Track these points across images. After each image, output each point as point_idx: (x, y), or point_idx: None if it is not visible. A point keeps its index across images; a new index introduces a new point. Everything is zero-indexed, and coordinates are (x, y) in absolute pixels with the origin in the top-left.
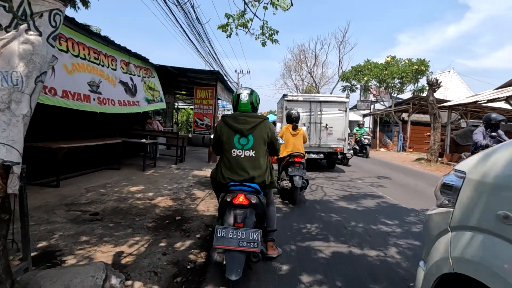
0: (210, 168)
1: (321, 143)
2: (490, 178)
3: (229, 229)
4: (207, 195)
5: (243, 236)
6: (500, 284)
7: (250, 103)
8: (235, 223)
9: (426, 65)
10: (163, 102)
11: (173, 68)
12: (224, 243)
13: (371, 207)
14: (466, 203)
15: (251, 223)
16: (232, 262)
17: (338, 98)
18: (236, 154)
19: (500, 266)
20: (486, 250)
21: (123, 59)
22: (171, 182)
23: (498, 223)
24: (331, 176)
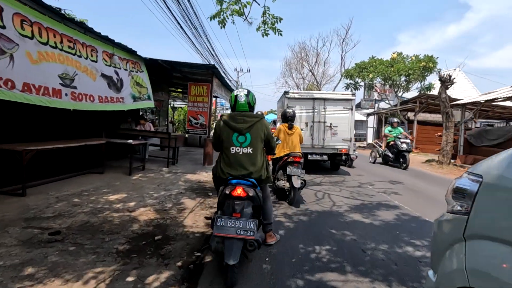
0: (204, 172)
1: (325, 144)
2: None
3: (227, 219)
4: (198, 205)
5: (241, 225)
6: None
7: (247, 103)
8: (233, 213)
9: (434, 62)
10: (151, 101)
11: (164, 62)
12: (223, 231)
13: (389, 221)
14: (484, 210)
15: (248, 214)
16: (231, 248)
17: (344, 95)
18: (234, 151)
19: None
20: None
21: (105, 50)
22: (158, 189)
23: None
24: (337, 181)
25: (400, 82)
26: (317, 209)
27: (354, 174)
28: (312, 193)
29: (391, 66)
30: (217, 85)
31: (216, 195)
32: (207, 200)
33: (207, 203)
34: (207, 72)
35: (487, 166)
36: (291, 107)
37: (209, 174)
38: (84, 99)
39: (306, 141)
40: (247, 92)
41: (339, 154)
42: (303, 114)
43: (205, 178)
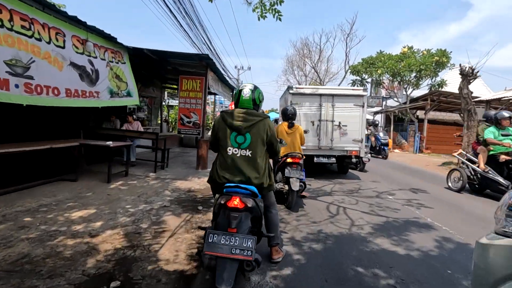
0: (197, 178)
1: (333, 145)
2: None
3: (221, 235)
4: (183, 224)
5: (236, 242)
6: None
7: (252, 99)
8: (228, 228)
9: (448, 56)
10: (133, 98)
11: (150, 52)
12: (216, 249)
13: (430, 251)
14: None
15: (246, 229)
16: (223, 270)
17: (354, 91)
18: (231, 153)
19: None
20: None
21: (76, 34)
22: (138, 201)
23: None
24: (350, 189)
25: (410, 78)
26: (332, 230)
27: (367, 179)
28: (324, 206)
29: (401, 61)
30: (212, 79)
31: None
32: (195, 217)
33: (194, 222)
34: (200, 63)
35: None
36: (295, 104)
37: (202, 180)
38: (45, 92)
39: (312, 142)
40: (253, 87)
41: (348, 157)
42: (308, 111)
43: (196, 186)
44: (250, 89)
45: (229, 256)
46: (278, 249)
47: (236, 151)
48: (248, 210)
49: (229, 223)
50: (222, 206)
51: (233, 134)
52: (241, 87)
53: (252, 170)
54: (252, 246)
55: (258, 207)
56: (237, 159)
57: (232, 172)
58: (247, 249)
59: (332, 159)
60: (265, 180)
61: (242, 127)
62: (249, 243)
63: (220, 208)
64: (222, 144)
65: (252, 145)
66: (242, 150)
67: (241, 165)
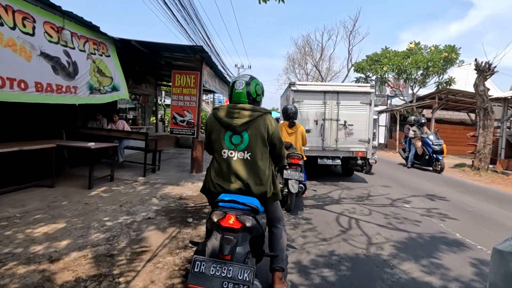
0: (190, 183)
1: (338, 146)
2: None
3: (211, 263)
4: (167, 242)
5: (230, 274)
6: None
7: (246, 92)
8: (220, 253)
9: (457, 52)
10: (121, 92)
11: (139, 44)
12: (202, 282)
13: (472, 281)
14: None
15: (243, 255)
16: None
17: (361, 87)
18: (226, 156)
19: None
20: None
21: (49, 20)
22: (119, 212)
23: None
24: (360, 196)
25: (417, 76)
26: (346, 251)
27: (376, 183)
28: (333, 217)
29: (408, 58)
30: (208, 74)
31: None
32: (182, 232)
33: (181, 238)
34: (195, 57)
35: None
36: (298, 102)
37: (195, 185)
38: (9, 86)
39: (316, 142)
40: (248, 79)
41: (353, 158)
42: (311, 110)
43: (189, 192)
44: (245, 80)
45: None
46: (283, 279)
47: (232, 154)
48: (246, 230)
49: (222, 247)
50: (214, 224)
51: (227, 133)
52: (235, 79)
53: (252, 176)
54: (249, 279)
55: (259, 225)
56: (233, 163)
57: (229, 179)
58: (243, 283)
59: (337, 160)
60: (269, 188)
61: (237, 125)
62: (246, 275)
63: (212, 226)
64: (216, 146)
65: (251, 146)
66: (239, 152)
67: (239, 170)
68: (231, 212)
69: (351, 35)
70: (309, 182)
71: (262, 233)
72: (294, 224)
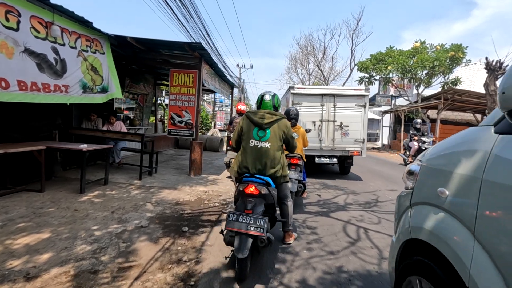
0: (188, 186)
1: (334, 146)
2: (433, 164)
3: (239, 215)
4: (160, 255)
5: (251, 221)
6: (440, 243)
7: (272, 103)
8: (245, 209)
9: (463, 51)
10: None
11: (134, 40)
12: (235, 226)
13: None
14: (421, 184)
15: (260, 211)
16: (240, 242)
17: (356, 91)
18: (253, 144)
19: (438, 228)
20: (431, 218)
21: (37, 15)
22: (110, 219)
23: (438, 197)
24: (368, 201)
25: (421, 75)
26: (356, 267)
27: (383, 187)
28: (340, 226)
29: (413, 57)
30: (208, 74)
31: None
32: (177, 243)
33: (175, 251)
34: (193, 55)
35: (425, 154)
36: (297, 104)
37: (193, 189)
38: None
39: (314, 142)
40: (273, 94)
41: (350, 157)
42: (310, 112)
43: (186, 197)
44: (271, 95)
45: (245, 231)
46: (291, 233)
47: (257, 143)
48: (261, 196)
49: (246, 205)
50: (240, 192)
51: (255, 129)
52: (263, 94)
53: (269, 160)
54: (264, 225)
55: (271, 195)
56: (258, 150)
57: (253, 161)
58: (260, 227)
59: (333, 159)
60: (279, 171)
61: (263, 123)
62: (262, 222)
63: (239, 194)
64: (245, 137)
65: (271, 139)
66: (263, 142)
67: (261, 155)
68: (251, 183)
69: (354, 34)
70: (312, 186)
71: (273, 203)
72: (298, 234)
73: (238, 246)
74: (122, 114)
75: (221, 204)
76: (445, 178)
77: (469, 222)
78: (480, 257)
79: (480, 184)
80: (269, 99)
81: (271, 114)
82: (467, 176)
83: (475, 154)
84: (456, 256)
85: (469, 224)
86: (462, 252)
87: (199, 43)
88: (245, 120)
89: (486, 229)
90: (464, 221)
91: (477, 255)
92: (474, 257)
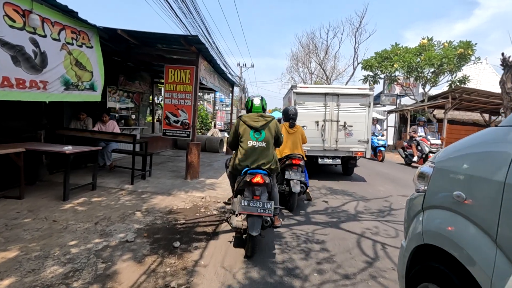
0: (183, 192)
1: (338, 146)
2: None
3: (250, 200)
4: (143, 280)
5: (260, 205)
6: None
7: (261, 106)
8: (253, 196)
9: (473, 49)
10: (95, 93)
11: (126, 33)
12: (247, 209)
13: None
14: (434, 187)
15: (266, 197)
16: (253, 223)
17: (360, 90)
18: (251, 145)
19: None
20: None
21: (11, 2)
22: (91, 232)
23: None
24: (380, 209)
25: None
26: None
27: (395, 192)
28: (353, 241)
29: (420, 55)
30: (206, 70)
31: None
32: (165, 264)
33: (162, 273)
34: (190, 49)
35: (438, 155)
36: (299, 104)
37: (189, 195)
38: None
39: (316, 142)
40: (261, 98)
41: (353, 158)
42: (313, 111)
43: (180, 204)
44: (259, 99)
45: (257, 213)
46: (278, 218)
47: (255, 143)
48: (265, 185)
49: (254, 192)
50: (247, 183)
51: (252, 131)
52: (252, 98)
53: (266, 156)
54: (271, 207)
55: (270, 184)
56: (256, 149)
57: (253, 159)
58: (268, 209)
59: (337, 160)
60: (274, 164)
61: (259, 126)
62: (269, 205)
63: (245, 184)
64: (243, 139)
65: (267, 139)
66: (259, 142)
67: (259, 153)
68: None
69: (358, 32)
70: (318, 191)
71: (271, 191)
72: (306, 251)
73: (252, 226)
74: (117, 113)
75: (219, 212)
76: (462, 181)
77: (490, 228)
78: (503, 266)
79: (503, 188)
80: (258, 103)
81: (263, 117)
82: (488, 179)
83: (497, 156)
84: (476, 265)
85: (490, 230)
86: (482, 261)
87: (196, 35)
88: (242, 124)
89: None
90: (484, 227)
91: (499, 264)
92: (496, 266)
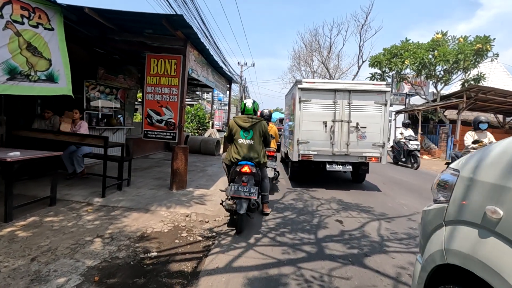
0: (165, 207)
1: (349, 150)
2: (480, 176)
3: (239, 186)
4: None
5: (247, 190)
6: (488, 273)
7: (252, 109)
8: (242, 182)
9: (491, 44)
10: (61, 85)
11: (97, 14)
12: (236, 193)
13: None
14: (459, 199)
15: (252, 183)
16: (241, 204)
17: (375, 86)
18: (241, 142)
19: (487, 256)
20: (475, 242)
21: None
22: (18, 277)
23: (486, 217)
24: (408, 233)
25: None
26: None
27: (418, 206)
28: None
29: (433, 51)
30: (197, 61)
31: None
32: None
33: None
34: (176, 34)
35: (464, 163)
36: (305, 101)
37: (172, 211)
38: None
39: (324, 146)
40: (253, 101)
41: (366, 164)
42: (320, 110)
43: (158, 226)
44: (251, 102)
45: (244, 196)
46: (267, 206)
47: (244, 141)
48: (252, 174)
49: (242, 180)
50: (237, 172)
51: (241, 130)
52: (245, 101)
53: (254, 152)
54: (255, 191)
55: (258, 174)
56: (245, 146)
57: (243, 154)
58: (253, 193)
59: (348, 166)
60: (261, 159)
61: (247, 126)
62: (254, 190)
63: (235, 174)
64: (235, 137)
65: (254, 137)
66: (248, 140)
67: (248, 149)
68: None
69: (363, 29)
70: (327, 205)
71: (259, 180)
72: None
73: (240, 206)
74: (98, 112)
75: (204, 237)
76: (498, 195)
77: None
78: None
79: None
80: (250, 106)
81: (252, 118)
82: None
83: None
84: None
85: None
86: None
87: (181, 15)
88: (234, 125)
89: None
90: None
91: None
92: None
